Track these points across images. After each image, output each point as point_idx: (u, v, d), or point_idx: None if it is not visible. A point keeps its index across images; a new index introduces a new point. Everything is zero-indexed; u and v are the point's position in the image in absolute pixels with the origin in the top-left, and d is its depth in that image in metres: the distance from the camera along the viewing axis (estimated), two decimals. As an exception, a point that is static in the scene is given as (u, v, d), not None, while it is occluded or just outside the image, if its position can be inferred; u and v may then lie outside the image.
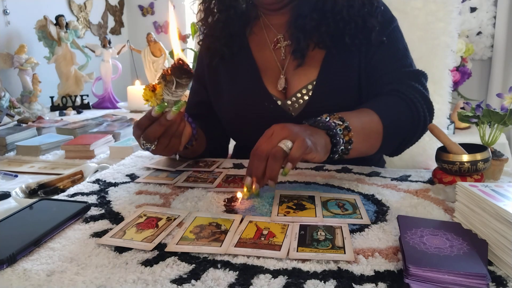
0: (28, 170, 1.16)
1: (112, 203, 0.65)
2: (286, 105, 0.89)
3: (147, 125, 0.69)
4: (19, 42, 2.31)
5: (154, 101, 0.67)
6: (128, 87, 2.37)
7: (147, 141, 0.71)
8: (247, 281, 0.42)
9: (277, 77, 0.91)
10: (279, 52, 0.93)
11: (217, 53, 0.94)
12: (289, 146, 0.61)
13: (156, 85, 0.66)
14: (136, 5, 3.54)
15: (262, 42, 0.95)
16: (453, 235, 0.48)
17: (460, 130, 2.44)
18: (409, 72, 0.87)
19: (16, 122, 1.83)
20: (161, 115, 0.68)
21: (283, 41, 0.92)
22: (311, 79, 0.88)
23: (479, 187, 0.52)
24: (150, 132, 0.69)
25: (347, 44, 0.85)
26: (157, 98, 0.67)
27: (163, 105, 0.67)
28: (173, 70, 0.64)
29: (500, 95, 0.80)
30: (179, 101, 0.68)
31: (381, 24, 0.87)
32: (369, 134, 0.74)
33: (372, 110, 0.77)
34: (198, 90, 1.02)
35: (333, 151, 0.67)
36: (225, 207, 0.63)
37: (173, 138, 0.72)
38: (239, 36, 0.95)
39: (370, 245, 0.50)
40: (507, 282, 0.42)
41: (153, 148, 0.72)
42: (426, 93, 0.85)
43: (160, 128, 0.69)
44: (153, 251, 0.49)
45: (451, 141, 0.71)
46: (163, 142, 0.72)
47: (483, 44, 2.66)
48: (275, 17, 0.94)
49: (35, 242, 0.50)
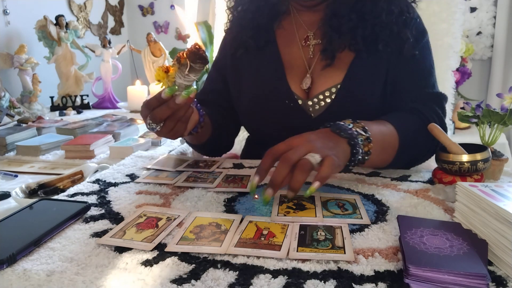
0: (28, 170, 1.16)
1: (112, 203, 0.65)
2: (306, 105, 0.88)
3: (155, 105, 0.69)
4: (19, 42, 2.31)
5: (166, 82, 0.67)
6: (128, 87, 2.37)
7: (153, 121, 0.70)
8: (247, 281, 0.42)
9: (302, 76, 0.89)
10: (307, 50, 0.91)
11: (242, 44, 0.93)
12: (318, 161, 0.59)
13: (170, 67, 0.66)
14: (136, 5, 3.54)
15: (290, 38, 0.93)
16: (453, 235, 0.48)
17: (460, 130, 2.44)
18: (433, 94, 0.87)
19: (16, 122, 1.83)
20: (171, 98, 0.67)
21: (313, 39, 0.91)
22: (336, 82, 0.86)
23: (479, 187, 0.52)
24: (157, 113, 0.69)
25: (379, 51, 0.84)
26: (169, 80, 0.66)
27: (174, 88, 0.66)
28: (189, 54, 0.64)
29: (500, 95, 0.80)
30: (190, 86, 0.67)
31: (415, 36, 0.86)
32: (386, 148, 0.75)
33: (392, 126, 0.77)
34: (215, 78, 1.00)
35: (350, 160, 0.66)
36: (225, 207, 0.63)
37: (179, 122, 0.72)
38: (267, 29, 0.93)
39: (370, 245, 0.50)
40: (507, 282, 0.42)
41: (158, 129, 0.72)
42: (444, 117, 0.87)
43: (168, 110, 0.69)
44: (153, 251, 0.49)
45: (451, 141, 0.71)
46: (168, 125, 0.71)
47: (483, 44, 2.66)
48: (308, 14, 0.92)
49: (35, 242, 0.50)
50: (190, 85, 0.67)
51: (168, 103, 0.68)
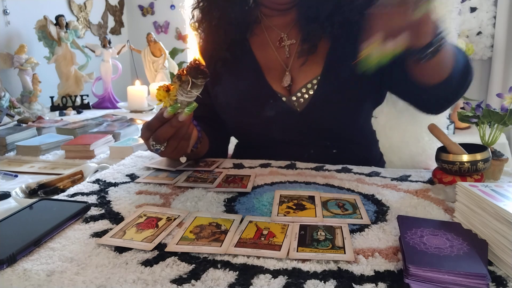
0: (28, 170, 1.16)
1: (112, 203, 0.65)
2: (291, 101, 0.89)
3: (157, 126, 0.68)
4: (19, 42, 2.31)
5: (167, 101, 0.66)
6: (128, 87, 2.37)
7: (157, 143, 0.70)
8: (247, 281, 0.42)
9: (281, 75, 0.91)
10: (282, 51, 0.93)
11: (219, 58, 0.94)
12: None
13: (170, 86, 0.66)
14: (136, 5, 3.54)
15: (264, 43, 0.95)
16: (453, 235, 0.48)
17: (460, 130, 2.44)
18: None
19: (16, 122, 1.83)
20: (173, 116, 0.67)
21: (287, 39, 0.93)
22: (315, 74, 0.89)
23: (479, 187, 0.52)
24: (161, 134, 0.68)
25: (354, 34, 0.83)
26: (170, 99, 0.66)
27: (176, 106, 0.65)
28: (189, 70, 0.63)
29: (500, 95, 0.79)
30: (192, 102, 0.67)
31: None
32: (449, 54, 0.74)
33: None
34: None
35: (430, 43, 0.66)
36: (225, 207, 0.63)
37: (182, 140, 0.72)
38: (241, 40, 0.95)
39: (370, 245, 0.50)
40: (507, 282, 0.42)
41: (162, 150, 0.71)
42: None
43: (171, 129, 0.68)
44: (153, 251, 0.49)
45: (451, 141, 0.71)
46: (172, 144, 0.71)
47: (483, 44, 2.66)
48: (278, 18, 0.95)
49: (35, 242, 0.50)
50: (192, 101, 0.67)
51: (171, 121, 0.67)
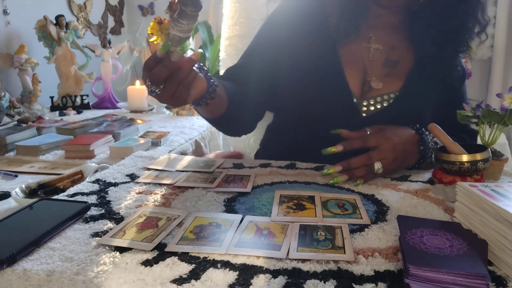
0: (28, 170, 1.16)
1: (112, 203, 0.65)
2: (360, 104, 0.87)
3: (153, 65, 0.66)
4: (19, 42, 2.30)
5: (160, 35, 0.64)
6: (128, 87, 2.36)
7: (153, 84, 0.67)
8: (247, 281, 0.42)
9: (359, 74, 0.89)
10: (366, 51, 0.90)
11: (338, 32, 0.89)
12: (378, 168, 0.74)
13: (164, 19, 0.64)
14: (136, 5, 3.54)
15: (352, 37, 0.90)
16: (453, 235, 0.48)
17: (460, 130, 2.43)
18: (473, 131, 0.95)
19: (16, 122, 1.82)
20: (166, 55, 0.64)
21: (374, 42, 0.90)
22: (392, 89, 0.87)
23: (479, 187, 0.52)
24: (155, 73, 0.65)
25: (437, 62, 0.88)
26: (162, 33, 0.64)
27: (167, 43, 0.63)
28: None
29: (500, 95, 0.79)
30: (185, 40, 0.64)
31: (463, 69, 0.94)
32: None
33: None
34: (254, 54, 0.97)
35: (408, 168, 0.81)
36: (225, 207, 0.63)
37: (181, 86, 0.68)
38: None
39: (370, 245, 0.50)
40: (507, 282, 0.42)
41: (158, 92, 0.67)
42: None
43: (165, 70, 0.65)
44: (153, 251, 0.49)
45: (451, 141, 0.71)
46: (169, 88, 0.67)
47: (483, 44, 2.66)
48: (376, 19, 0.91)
49: (35, 242, 0.50)
50: (185, 39, 0.64)
51: (164, 61, 0.64)
